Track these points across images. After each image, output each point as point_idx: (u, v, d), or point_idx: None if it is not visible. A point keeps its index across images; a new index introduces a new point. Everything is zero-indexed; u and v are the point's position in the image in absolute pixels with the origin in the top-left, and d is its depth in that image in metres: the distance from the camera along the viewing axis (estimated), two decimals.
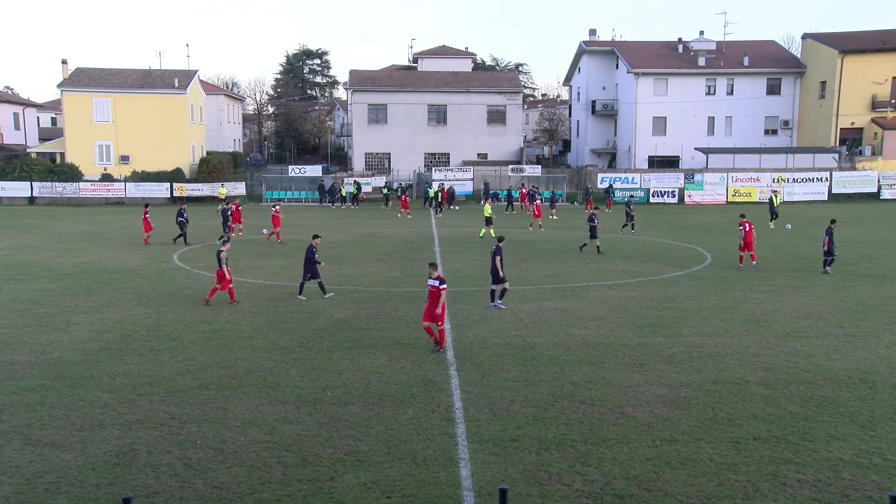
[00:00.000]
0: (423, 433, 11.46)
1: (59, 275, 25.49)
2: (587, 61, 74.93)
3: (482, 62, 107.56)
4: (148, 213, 34.36)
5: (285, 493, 9.56)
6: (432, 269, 16.40)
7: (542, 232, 38.43)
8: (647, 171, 61.22)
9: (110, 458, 10.58)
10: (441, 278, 15.85)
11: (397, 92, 67.94)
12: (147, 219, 34.00)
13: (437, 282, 15.74)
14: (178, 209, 34.87)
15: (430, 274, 16.18)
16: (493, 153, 67.88)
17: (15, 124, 73.88)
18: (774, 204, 41.57)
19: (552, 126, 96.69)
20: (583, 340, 16.82)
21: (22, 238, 35.90)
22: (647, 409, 12.51)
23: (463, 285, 23.51)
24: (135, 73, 64.26)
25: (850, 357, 15.50)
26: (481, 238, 35.50)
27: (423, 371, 14.57)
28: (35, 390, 13.43)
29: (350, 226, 42.39)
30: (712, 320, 18.76)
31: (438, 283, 15.72)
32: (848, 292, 22.10)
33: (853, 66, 62.10)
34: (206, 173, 58.95)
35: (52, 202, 56.64)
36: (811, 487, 9.69)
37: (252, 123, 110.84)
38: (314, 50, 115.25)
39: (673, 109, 67.19)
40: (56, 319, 18.90)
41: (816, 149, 61.57)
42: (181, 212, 34.21)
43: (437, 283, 15.73)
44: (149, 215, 34.25)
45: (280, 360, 15.34)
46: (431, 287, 15.85)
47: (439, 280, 15.78)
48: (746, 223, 26.75)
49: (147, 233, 33.98)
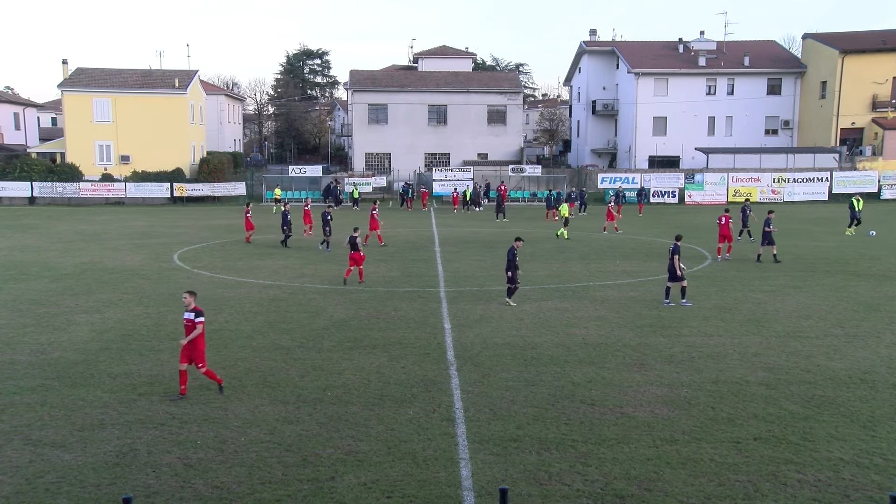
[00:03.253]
0: (423, 433, 11.46)
1: (59, 275, 25.49)
2: (587, 61, 74.94)
3: (482, 62, 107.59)
4: (250, 213, 34.79)
5: (285, 493, 9.56)
6: (190, 298, 13.11)
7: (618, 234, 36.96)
8: (647, 171, 61.22)
9: (110, 458, 10.58)
10: (199, 310, 13.03)
11: (397, 92, 67.95)
12: (249, 218, 34.31)
13: (194, 314, 12.93)
14: (283, 211, 33.62)
15: (187, 304, 13.04)
16: (493, 153, 67.88)
17: (15, 124, 73.91)
18: (856, 209, 36.37)
19: (552, 126, 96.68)
20: (583, 340, 16.82)
21: (22, 238, 35.90)
22: (648, 409, 12.50)
23: (463, 285, 23.50)
24: (135, 73, 64.29)
25: (851, 357, 15.49)
26: (557, 238, 35.03)
27: (423, 371, 14.57)
28: (35, 390, 13.43)
29: (350, 226, 42.29)
30: (713, 320, 18.75)
31: (195, 315, 12.92)
32: (848, 292, 22.09)
33: (854, 66, 62.10)
34: (207, 173, 58.97)
35: (53, 202, 56.65)
36: (812, 487, 9.69)
37: (252, 123, 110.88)
38: (314, 50, 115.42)
39: (673, 109, 67.21)
40: (56, 319, 18.90)
41: (817, 149, 61.57)
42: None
43: (194, 315, 12.92)
44: (250, 214, 34.71)
45: (280, 360, 15.34)
46: (187, 321, 12.99)
47: (195, 312, 12.94)
48: (724, 216, 28.37)
49: (249, 231, 34.25)
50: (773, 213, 28.36)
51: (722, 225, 28.34)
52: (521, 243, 20.91)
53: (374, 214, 33.56)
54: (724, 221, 28.27)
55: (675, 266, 20.13)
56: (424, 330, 17.77)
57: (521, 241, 20.99)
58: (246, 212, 35.07)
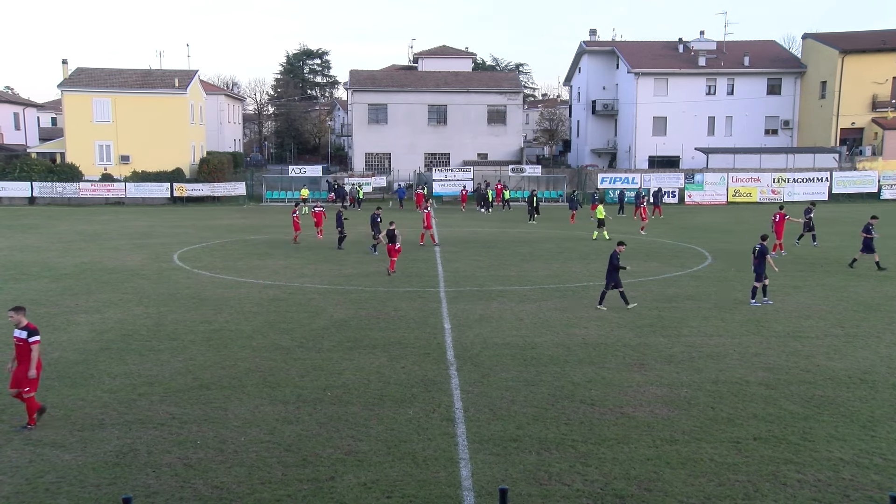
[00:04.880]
0: (423, 433, 11.46)
1: (59, 275, 25.49)
2: (587, 61, 74.94)
3: (482, 62, 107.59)
4: (297, 213, 34.89)
5: (285, 493, 9.56)
6: (17, 315, 11.56)
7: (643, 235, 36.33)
8: (647, 171, 61.21)
9: (110, 458, 10.58)
10: (33, 327, 11.59)
11: (397, 92, 67.94)
12: (296, 218, 34.34)
13: (26, 332, 11.46)
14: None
15: (17, 321, 11.53)
16: (493, 153, 67.87)
17: (15, 124, 73.90)
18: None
19: (552, 126, 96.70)
20: (583, 340, 16.82)
21: (22, 238, 35.90)
22: (648, 409, 12.50)
23: (463, 285, 23.50)
24: (135, 73, 64.27)
25: (851, 357, 15.49)
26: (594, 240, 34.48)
27: (423, 371, 14.57)
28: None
29: (350, 225, 42.32)
30: (713, 320, 18.75)
31: (27, 333, 11.46)
32: (848, 292, 22.09)
33: (853, 66, 62.10)
34: (207, 173, 58.96)
35: (53, 202, 56.65)
36: (811, 487, 9.69)
37: (252, 123, 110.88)
38: (314, 50, 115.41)
39: (673, 109, 67.21)
40: (56, 319, 18.90)
41: (817, 149, 61.58)
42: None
43: (26, 333, 11.46)
44: (297, 214, 34.80)
45: (280, 360, 15.34)
46: (18, 340, 11.51)
47: (28, 330, 11.48)
48: (779, 214, 28.09)
49: (296, 232, 34.18)
50: (876, 218, 25.91)
51: (776, 223, 27.70)
52: (624, 247, 20.58)
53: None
54: (778, 219, 27.63)
55: (769, 266, 20.41)
56: (424, 330, 17.78)
57: (623, 245, 20.66)
58: (293, 212, 35.08)
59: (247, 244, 33.82)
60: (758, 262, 20.42)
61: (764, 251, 20.40)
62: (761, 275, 20.39)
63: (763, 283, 20.55)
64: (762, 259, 20.31)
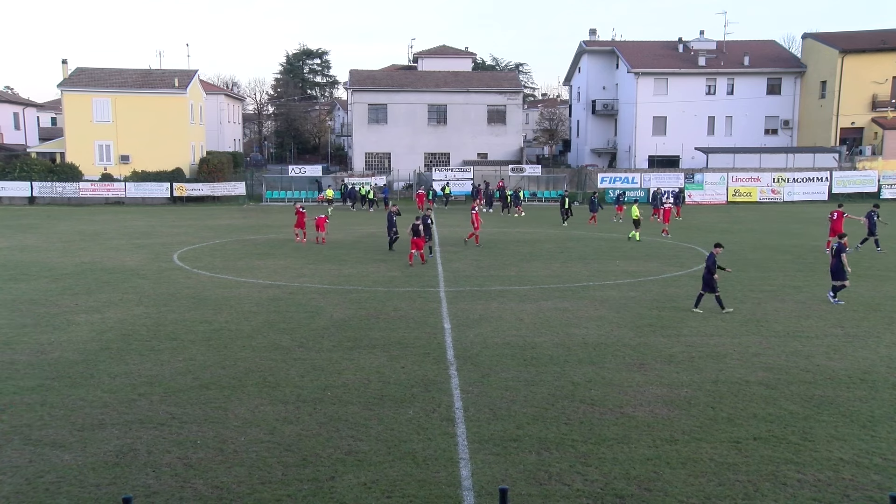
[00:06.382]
0: (423, 433, 11.46)
1: (59, 275, 25.49)
2: (587, 61, 74.94)
3: (482, 62, 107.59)
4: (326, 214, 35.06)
5: (285, 493, 9.56)
6: None
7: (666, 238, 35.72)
8: (647, 170, 61.22)
9: (110, 457, 10.58)
10: None
11: (397, 92, 67.94)
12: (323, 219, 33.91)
13: None
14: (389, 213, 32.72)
15: None
16: (493, 153, 67.88)
17: (15, 124, 73.90)
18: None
19: (552, 126, 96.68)
20: (583, 340, 16.82)
21: (22, 238, 35.90)
22: (648, 409, 12.50)
23: (463, 285, 23.50)
24: (135, 72, 64.27)
25: (851, 357, 15.49)
26: (628, 240, 34.18)
27: (423, 371, 14.57)
28: (35, 390, 13.42)
29: (351, 225, 42.39)
30: (712, 320, 18.75)
31: None
32: (848, 292, 22.06)
33: (853, 66, 62.11)
34: (206, 173, 58.97)
35: (53, 202, 56.65)
36: (811, 487, 9.69)
37: (252, 123, 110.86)
38: (314, 50, 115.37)
39: (673, 109, 67.22)
40: (56, 319, 18.90)
41: (817, 148, 61.59)
42: (391, 215, 32.13)
43: None
44: (326, 216, 34.86)
45: (280, 360, 15.33)
46: None
47: None
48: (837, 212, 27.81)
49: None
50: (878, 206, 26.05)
51: (834, 220, 27.09)
52: (721, 250, 20.31)
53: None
54: (836, 217, 27.12)
55: (844, 265, 20.36)
56: (424, 330, 17.77)
57: (720, 247, 20.41)
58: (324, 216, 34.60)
59: (246, 244, 33.82)
60: (835, 262, 20.47)
61: (841, 249, 20.38)
62: (838, 273, 20.30)
63: (842, 283, 20.41)
64: (839, 258, 20.34)
